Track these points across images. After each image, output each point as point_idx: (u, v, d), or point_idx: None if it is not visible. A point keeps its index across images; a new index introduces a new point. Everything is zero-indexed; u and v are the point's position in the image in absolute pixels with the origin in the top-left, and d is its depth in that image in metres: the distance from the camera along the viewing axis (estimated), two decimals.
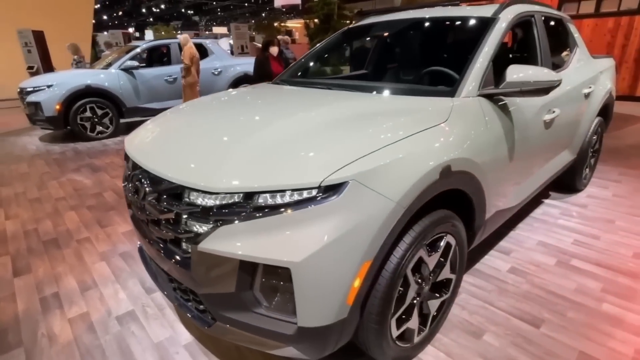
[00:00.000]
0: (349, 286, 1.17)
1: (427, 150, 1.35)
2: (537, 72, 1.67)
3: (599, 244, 2.54)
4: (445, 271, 1.64)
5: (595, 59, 3.20)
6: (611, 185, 3.54)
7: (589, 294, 2.04)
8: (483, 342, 1.73)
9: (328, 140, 1.31)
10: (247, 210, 1.17)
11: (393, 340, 1.47)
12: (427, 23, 2.39)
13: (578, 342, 1.71)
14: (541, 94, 1.71)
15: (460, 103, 1.63)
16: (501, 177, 1.85)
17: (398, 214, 1.22)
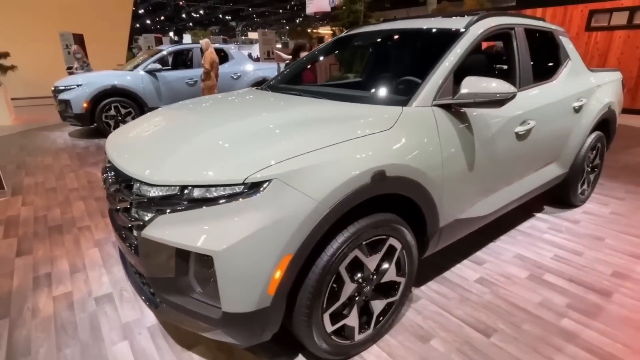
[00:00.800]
0: (269, 277, 1.27)
1: (359, 155, 1.42)
2: (491, 84, 1.70)
3: (580, 260, 2.48)
4: (391, 273, 1.70)
5: (595, 72, 3.12)
6: (613, 203, 3.42)
7: (552, 309, 2.01)
8: (429, 346, 1.76)
9: (263, 142, 1.42)
10: (182, 201, 1.30)
11: (328, 334, 1.54)
12: (403, 34, 2.46)
13: (523, 354, 1.71)
14: (495, 105, 1.74)
15: (411, 112, 1.69)
16: (459, 186, 1.88)
17: (321, 212, 1.30)
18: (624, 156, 4.97)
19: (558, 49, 2.75)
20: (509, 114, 2.12)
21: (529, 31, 2.53)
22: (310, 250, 1.34)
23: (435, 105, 1.78)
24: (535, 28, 2.59)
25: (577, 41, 8.92)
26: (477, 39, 2.05)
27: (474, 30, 2.05)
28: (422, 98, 1.76)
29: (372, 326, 1.71)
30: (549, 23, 2.79)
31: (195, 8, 44.24)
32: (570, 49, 2.84)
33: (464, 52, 1.95)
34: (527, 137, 2.28)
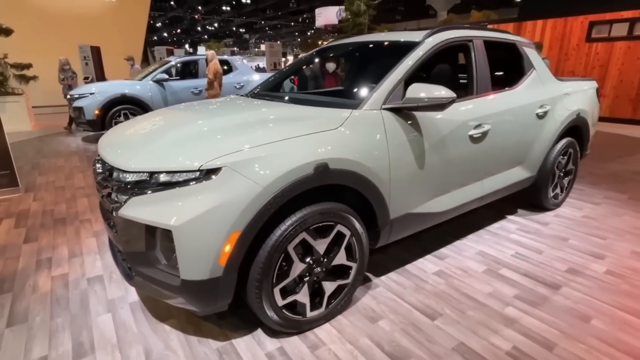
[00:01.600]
0: (219, 249, 1.49)
1: (304, 149, 1.64)
2: (431, 90, 1.91)
3: (539, 258, 2.63)
4: (340, 258, 1.90)
5: (565, 81, 3.28)
6: (587, 207, 3.53)
7: (499, 299, 2.17)
8: (376, 326, 1.95)
9: (221, 137, 1.66)
10: (150, 185, 1.54)
11: (279, 307, 1.74)
12: (370, 46, 2.69)
13: (463, 335, 1.88)
14: (437, 109, 1.95)
15: (359, 114, 1.91)
16: (409, 182, 2.08)
17: (266, 196, 1.52)
18: (613, 164, 5.05)
19: (522, 59, 2.93)
20: (461, 118, 2.31)
21: (490, 43, 2.74)
22: (259, 229, 1.56)
23: (384, 108, 1.99)
24: (496, 40, 2.78)
25: (577, 52, 9.03)
26: (431, 50, 2.26)
27: (427, 42, 2.27)
28: (372, 102, 1.98)
29: (324, 305, 1.91)
30: (513, 35, 2.98)
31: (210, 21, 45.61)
32: (535, 59, 3.02)
33: (416, 61, 2.17)
34: (484, 139, 2.47)
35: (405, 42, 2.34)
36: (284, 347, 1.79)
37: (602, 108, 8.80)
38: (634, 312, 2.04)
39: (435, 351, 1.77)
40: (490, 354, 1.75)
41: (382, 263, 2.56)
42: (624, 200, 3.70)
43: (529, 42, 3.05)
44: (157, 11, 45.84)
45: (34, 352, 1.76)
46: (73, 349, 1.78)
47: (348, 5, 13.26)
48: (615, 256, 2.64)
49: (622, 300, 2.15)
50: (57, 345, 1.81)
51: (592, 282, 2.32)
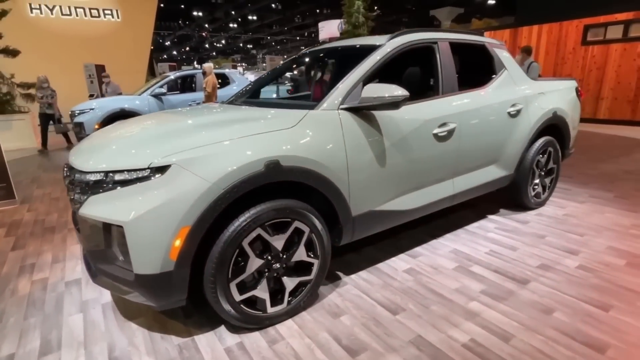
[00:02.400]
0: (169, 244, 1.55)
1: (255, 147, 1.71)
2: (385, 90, 1.97)
3: (512, 254, 2.62)
4: (300, 254, 1.94)
5: (541, 81, 3.31)
6: (571, 206, 3.51)
7: (465, 294, 2.18)
8: (338, 321, 1.97)
9: (177, 137, 1.73)
10: (106, 184, 1.62)
11: (237, 303, 1.79)
12: (338, 51, 2.77)
13: (422, 328, 1.89)
14: (391, 107, 2.01)
15: (315, 114, 1.98)
16: (369, 180, 2.12)
17: (215, 192, 1.59)
18: (606, 165, 5.01)
19: (492, 60, 2.98)
20: (424, 117, 2.36)
21: (458, 44, 2.80)
22: (210, 224, 1.62)
23: (342, 108, 2.05)
24: (463, 42, 2.84)
25: (574, 55, 9.02)
26: (391, 52, 2.33)
27: (388, 45, 2.34)
28: (329, 103, 2.04)
29: (285, 301, 1.95)
30: (483, 37, 3.03)
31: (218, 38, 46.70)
32: (507, 60, 3.06)
33: (375, 63, 2.24)
34: (450, 138, 2.51)
35: (369, 46, 2.41)
36: (244, 342, 1.83)
37: (602, 110, 8.74)
38: (598, 304, 2.03)
39: (391, 344, 1.79)
40: (446, 345, 1.77)
41: (354, 262, 2.59)
42: (609, 199, 3.67)
43: (500, 44, 3.10)
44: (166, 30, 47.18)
45: (3, 350, 1.83)
46: (40, 346, 1.85)
47: (347, 18, 13.51)
48: (589, 252, 2.62)
49: (588, 294, 2.13)
50: (26, 343, 1.87)
51: (562, 277, 2.32)
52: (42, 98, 7.41)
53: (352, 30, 13.24)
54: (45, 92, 7.43)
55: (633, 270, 2.38)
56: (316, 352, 1.75)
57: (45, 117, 7.50)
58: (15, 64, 8.47)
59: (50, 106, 7.44)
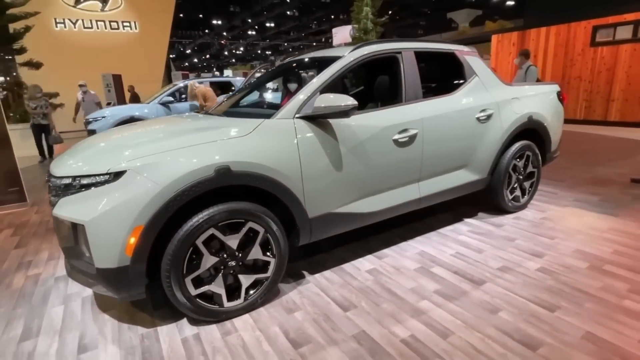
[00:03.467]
0: (125, 241, 1.73)
1: (207, 154, 1.88)
2: (335, 100, 2.10)
3: (477, 256, 2.68)
4: (256, 253, 2.09)
5: (514, 86, 3.35)
6: (551, 210, 3.52)
7: (419, 293, 2.26)
8: (291, 316, 2.10)
9: (139, 145, 1.92)
10: (74, 188, 1.82)
11: (193, 296, 1.95)
12: (305, 62, 2.92)
13: (367, 324, 2.00)
14: (342, 115, 2.14)
15: (271, 123, 2.13)
16: (325, 184, 2.25)
17: (166, 195, 1.75)
18: (602, 168, 4.94)
19: (462, 67, 3.05)
20: (383, 124, 2.47)
21: (426, 53, 2.90)
22: (164, 224, 1.79)
23: (298, 117, 2.20)
24: (430, 51, 2.94)
25: (583, 57, 8.85)
26: (350, 63, 2.47)
27: (347, 57, 2.48)
28: (285, 112, 2.19)
29: (242, 297, 2.10)
30: (453, 45, 3.11)
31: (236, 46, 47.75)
32: (478, 66, 3.12)
33: (333, 74, 2.38)
34: (412, 143, 2.60)
35: (331, 57, 2.55)
36: (200, 333, 1.99)
37: (613, 112, 8.52)
38: (545, 305, 2.08)
39: (334, 337, 1.90)
40: (385, 340, 1.87)
41: (321, 262, 2.71)
42: (593, 202, 3.65)
43: (471, 51, 3.17)
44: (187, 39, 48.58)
45: None
46: (22, 333, 2.06)
47: (356, 24, 13.65)
48: (555, 254, 2.66)
49: (539, 295, 2.18)
50: (10, 330, 2.09)
51: (519, 279, 2.37)
52: (36, 108, 6.89)
53: (361, 36, 13.37)
54: (39, 102, 6.94)
55: (592, 272, 2.40)
56: (263, 344, 1.88)
57: (39, 128, 7.03)
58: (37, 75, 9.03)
59: (45, 116, 7.00)
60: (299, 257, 2.79)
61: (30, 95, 6.95)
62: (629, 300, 2.11)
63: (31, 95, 6.94)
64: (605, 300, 2.11)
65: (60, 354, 1.89)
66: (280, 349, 1.84)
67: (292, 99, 2.25)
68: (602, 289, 2.23)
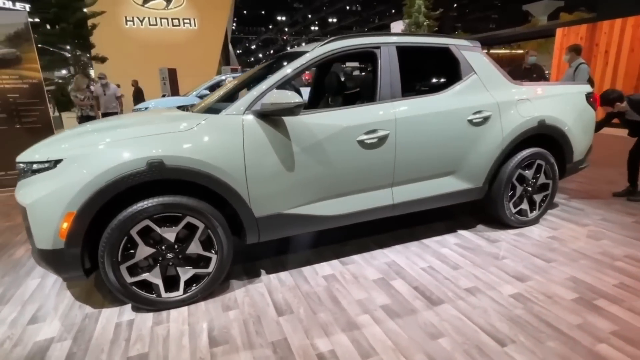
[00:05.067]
0: (58, 225, 1.84)
1: (140, 146, 1.92)
2: (280, 97, 2.03)
3: (449, 273, 2.44)
4: (195, 248, 2.10)
5: (525, 85, 2.97)
6: (566, 228, 3.09)
7: (364, 306, 2.12)
8: (224, 314, 2.09)
9: (81, 136, 2.04)
10: (27, 173, 1.98)
11: (128, 284, 2.02)
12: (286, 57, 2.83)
13: (293, 333, 1.91)
14: (290, 113, 2.07)
15: (217, 119, 2.12)
16: (274, 184, 2.19)
17: (97, 185, 1.83)
18: None
19: (457, 64, 2.77)
20: (345, 123, 2.33)
21: (414, 48, 2.68)
22: (97, 212, 1.87)
23: (248, 114, 2.16)
24: (418, 45, 2.70)
25: None
26: (316, 59, 2.37)
27: (312, 53, 2.38)
28: (234, 108, 2.17)
29: (181, 289, 2.13)
30: (450, 39, 2.82)
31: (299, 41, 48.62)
32: (478, 63, 2.81)
33: (293, 70, 2.30)
34: (381, 145, 2.43)
35: (298, 53, 2.46)
36: (135, 319, 2.06)
37: None
38: (498, 338, 1.83)
39: (254, 342, 1.85)
40: (302, 351, 1.78)
41: (284, 262, 2.66)
42: (623, 224, 3.13)
43: (471, 46, 2.86)
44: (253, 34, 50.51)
45: None
46: None
47: (407, 18, 13.15)
48: (542, 280, 2.32)
49: (498, 324, 1.92)
50: None
51: (484, 303, 2.11)
52: (84, 100, 6.75)
53: (413, 31, 12.85)
54: (85, 93, 6.81)
55: (577, 306, 2.06)
56: (184, 339, 1.89)
57: (87, 120, 6.63)
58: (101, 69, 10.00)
59: (93, 108, 6.96)
60: (265, 255, 2.77)
61: (78, 86, 6.77)
62: (606, 345, 1.77)
63: (78, 87, 6.76)
64: (575, 341, 1.80)
65: (14, 322, 2.08)
66: (196, 346, 1.84)
67: (244, 95, 2.22)
68: (579, 327, 1.90)
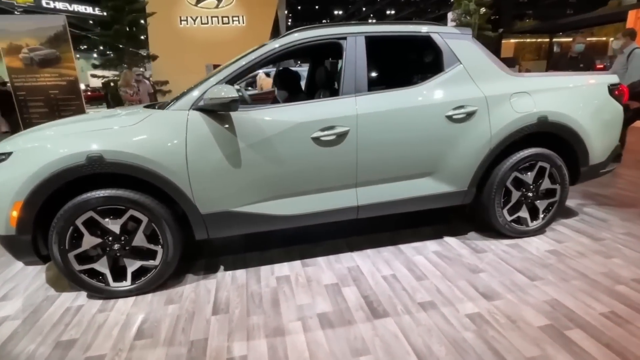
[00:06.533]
0: (8, 214, 1.97)
1: (82, 142, 1.98)
2: (217, 91, 1.98)
3: (410, 284, 2.23)
4: (140, 240, 2.14)
5: (526, 76, 2.60)
6: (573, 242, 2.67)
7: (302, 312, 2.01)
8: (164, 308, 2.11)
9: (37, 130, 2.16)
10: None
11: (78, 271, 2.12)
12: None
13: (216, 335, 1.87)
14: (227, 109, 2.02)
15: (161, 114, 2.13)
16: (218, 180, 2.14)
17: (40, 176, 1.92)
18: None
19: (439, 54, 2.49)
20: (298, 119, 2.21)
21: (386, 39, 2.47)
22: (43, 202, 1.98)
23: (194, 109, 2.14)
24: (392, 35, 2.47)
25: None
26: (272, 52, 2.28)
27: (270, 45, 2.28)
28: (181, 103, 2.16)
29: (129, 280, 2.19)
30: (433, 26, 2.54)
31: None
32: (465, 52, 2.49)
33: (246, 63, 2.24)
34: (340, 143, 2.27)
35: (260, 46, 2.39)
36: (84, 305, 2.16)
37: None
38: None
39: (176, 339, 1.84)
40: (215, 354, 1.73)
41: (247, 259, 2.62)
42: None
43: (459, 33, 2.55)
44: None
45: None
46: None
47: (457, 7, 12.34)
48: (514, 301, 2.02)
49: (436, 348, 1.71)
50: None
51: (433, 321, 1.89)
52: (133, 95, 6.70)
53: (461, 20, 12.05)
54: (133, 89, 6.74)
55: (541, 335, 1.76)
56: (115, 328, 1.94)
57: None
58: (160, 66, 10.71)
59: (140, 103, 6.69)
60: (231, 252, 2.75)
61: (126, 82, 6.73)
62: None
63: (127, 82, 6.73)
64: None
65: None
66: (122, 336, 1.88)
67: (192, 90, 2.20)
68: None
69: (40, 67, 5.07)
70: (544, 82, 2.61)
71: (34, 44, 4.98)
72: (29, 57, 5.04)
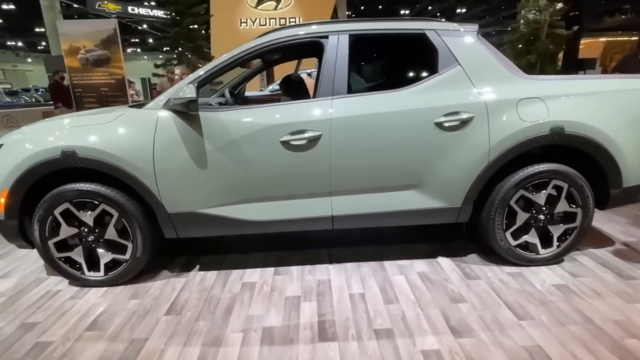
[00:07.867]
0: None
1: (59, 138, 2.10)
2: (178, 92, 1.97)
3: (376, 307, 2.02)
4: (112, 234, 2.22)
5: (540, 79, 2.23)
6: (594, 277, 2.24)
7: (250, 323, 1.92)
8: (126, 303, 2.15)
9: (32, 124, 2.32)
10: None
11: (56, 258, 2.25)
12: None
13: (157, 338, 1.86)
14: (186, 108, 2.00)
15: (133, 113, 2.18)
16: (185, 180, 2.14)
17: (22, 168, 2.07)
18: None
19: (434, 54, 2.22)
20: (267, 122, 2.12)
21: (376, 37, 2.28)
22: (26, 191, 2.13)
23: (165, 109, 2.15)
24: (381, 33, 2.25)
25: None
26: (249, 52, 2.23)
27: (249, 44, 2.23)
28: (154, 102, 2.19)
29: (102, 270, 2.29)
30: (426, 23, 2.27)
31: None
32: (465, 51, 2.20)
33: (220, 64, 2.22)
34: (312, 148, 2.14)
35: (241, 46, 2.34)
36: (61, 291, 2.29)
37: None
38: None
39: (120, 336, 1.87)
40: (146, 355, 1.72)
41: (223, 261, 2.59)
42: None
43: (460, 30, 2.26)
44: None
45: None
46: None
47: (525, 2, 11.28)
48: (485, 341, 1.74)
49: None
50: None
51: (381, 352, 1.69)
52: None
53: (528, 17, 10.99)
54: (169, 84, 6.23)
55: None
56: (73, 318, 2.02)
57: None
58: None
59: None
60: (211, 252, 2.75)
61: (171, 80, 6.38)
62: None
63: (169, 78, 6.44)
64: None
65: None
66: (77, 326, 1.95)
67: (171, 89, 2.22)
68: None
69: (94, 67, 5.58)
70: (563, 86, 2.22)
71: (89, 45, 5.51)
72: (85, 57, 5.58)
